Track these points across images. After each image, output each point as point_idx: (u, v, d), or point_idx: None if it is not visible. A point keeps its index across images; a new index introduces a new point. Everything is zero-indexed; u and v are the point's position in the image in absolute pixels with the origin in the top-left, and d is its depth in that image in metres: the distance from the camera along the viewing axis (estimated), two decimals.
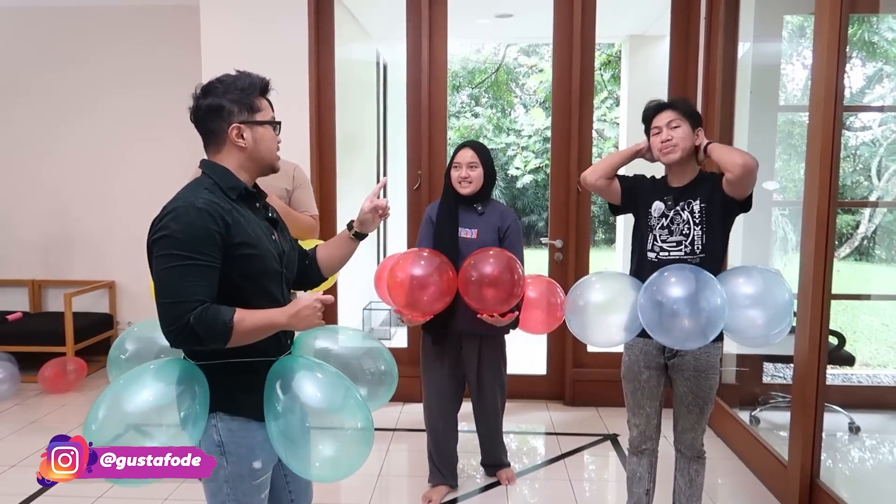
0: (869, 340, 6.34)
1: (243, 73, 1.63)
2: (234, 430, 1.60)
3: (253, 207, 1.66)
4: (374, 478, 3.22)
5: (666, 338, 2.09)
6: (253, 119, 1.60)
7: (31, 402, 4.30)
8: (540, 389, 4.27)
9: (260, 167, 1.66)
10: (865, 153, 8.83)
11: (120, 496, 2.98)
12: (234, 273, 1.53)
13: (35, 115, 5.12)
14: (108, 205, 5.12)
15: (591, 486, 3.22)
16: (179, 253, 1.46)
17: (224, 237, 1.51)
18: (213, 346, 1.48)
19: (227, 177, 1.59)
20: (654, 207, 2.32)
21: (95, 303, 5.13)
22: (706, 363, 2.27)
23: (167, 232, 1.47)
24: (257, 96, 1.62)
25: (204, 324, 1.44)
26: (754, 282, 2.09)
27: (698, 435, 2.36)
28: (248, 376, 1.59)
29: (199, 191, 1.54)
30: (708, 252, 2.23)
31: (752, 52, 3.96)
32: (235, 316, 1.48)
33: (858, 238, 9.00)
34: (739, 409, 3.73)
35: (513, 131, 12.67)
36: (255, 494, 1.64)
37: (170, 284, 1.46)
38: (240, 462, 1.61)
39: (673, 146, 2.24)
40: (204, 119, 1.60)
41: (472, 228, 2.80)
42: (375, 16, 5.40)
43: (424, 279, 2.61)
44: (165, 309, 1.46)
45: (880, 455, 3.92)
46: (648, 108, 2.34)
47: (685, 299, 2.01)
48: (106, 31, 5.03)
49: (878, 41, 7.25)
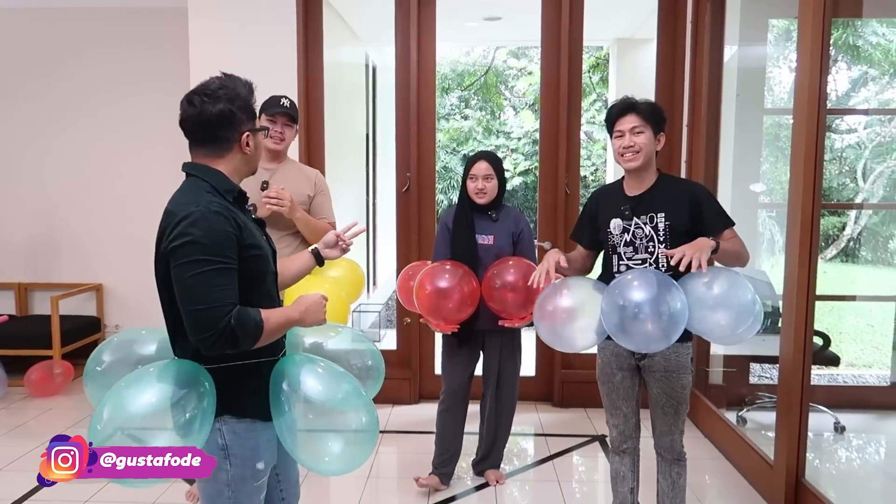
0: (854, 341, 6.40)
1: (233, 77, 1.63)
2: (240, 432, 1.61)
3: (244, 210, 1.68)
4: (364, 479, 3.22)
5: (629, 342, 2.07)
6: (256, 127, 1.65)
7: (18, 405, 4.27)
8: (529, 391, 4.28)
9: (250, 171, 1.69)
10: (851, 156, 8.92)
11: (109, 499, 2.96)
12: (245, 275, 1.55)
13: (21, 118, 5.08)
14: (95, 207, 5.09)
15: (579, 487, 3.23)
16: (207, 258, 1.46)
17: (239, 239, 1.53)
18: (244, 347, 1.51)
19: (223, 180, 1.61)
20: (613, 226, 2.30)
21: (82, 306, 5.10)
22: (676, 363, 2.26)
23: (190, 238, 1.46)
24: (253, 104, 1.65)
25: (241, 325, 1.46)
26: (718, 283, 2.08)
27: (676, 437, 2.35)
28: (254, 378, 1.61)
29: (202, 195, 1.54)
30: (674, 269, 2.15)
31: (738, 55, 4.00)
32: (262, 315, 1.51)
33: (844, 240, 9.08)
34: (726, 410, 3.76)
35: (502, 133, 12.69)
36: (255, 496, 1.65)
37: (201, 290, 1.45)
38: (244, 464, 1.61)
39: (635, 153, 2.22)
40: (213, 125, 1.58)
41: (489, 235, 2.97)
42: (364, 18, 5.40)
43: (449, 291, 2.79)
44: (199, 315, 1.45)
45: (865, 454, 3.96)
46: (612, 109, 2.30)
47: (645, 303, 2.00)
48: (92, 35, 5.00)
49: (862, 45, 7.33)
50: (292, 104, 2.86)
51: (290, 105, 2.85)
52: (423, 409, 4.13)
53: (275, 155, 2.86)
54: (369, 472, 3.30)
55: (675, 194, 2.24)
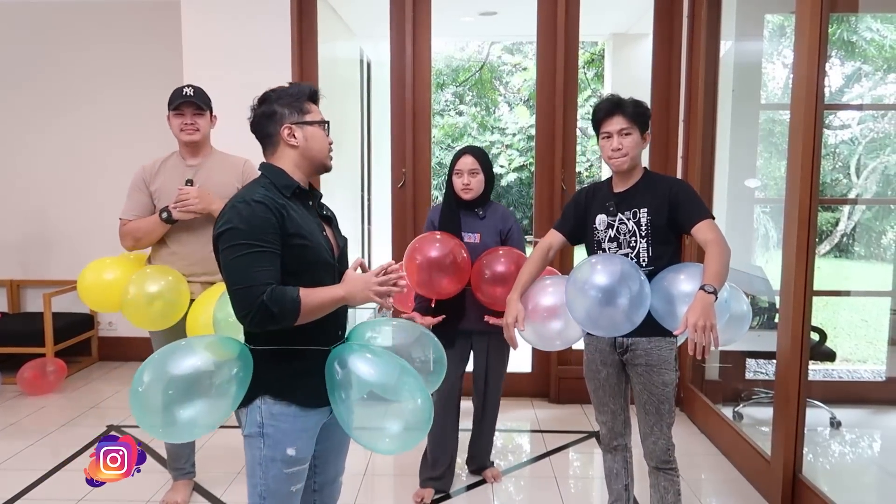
0: (849, 336, 6.42)
1: (294, 83, 1.80)
2: (276, 413, 1.68)
3: (306, 205, 1.78)
4: (360, 477, 3.21)
5: (594, 327, 2.15)
6: (303, 120, 1.74)
7: (10, 403, 4.23)
8: (525, 387, 4.28)
9: (313, 165, 1.78)
10: (845, 151, 8.94)
11: (103, 497, 2.94)
12: (289, 262, 1.64)
13: (12, 113, 5.03)
14: (87, 203, 5.04)
15: (576, 483, 3.23)
16: (244, 242, 1.59)
17: (281, 227, 1.63)
18: (286, 323, 1.59)
19: (282, 176, 1.72)
20: (599, 221, 2.30)
21: (75, 303, 5.04)
22: (658, 357, 2.22)
23: (231, 225, 1.61)
24: (306, 101, 1.76)
25: (275, 302, 1.56)
26: (688, 275, 2.13)
27: (660, 441, 2.26)
28: (298, 362, 1.69)
29: (255, 188, 1.68)
30: (656, 264, 2.21)
31: (733, 50, 3.99)
32: (301, 293, 1.60)
33: (838, 235, 9.12)
34: (722, 406, 3.76)
35: (497, 129, 12.69)
36: (285, 483, 1.71)
37: (239, 272, 1.59)
38: (275, 446, 1.68)
39: (623, 156, 2.22)
40: (259, 125, 1.75)
41: (475, 233, 2.88)
42: (359, 13, 5.37)
43: (441, 259, 2.72)
44: (239, 295, 1.59)
45: (860, 449, 3.97)
46: (599, 109, 2.28)
47: (605, 286, 2.07)
48: (84, 28, 4.96)
49: (856, 40, 7.34)
50: (198, 91, 2.74)
51: (196, 92, 2.73)
52: None
53: (194, 148, 2.75)
54: (365, 470, 3.29)
55: (656, 190, 2.25)
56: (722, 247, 2.09)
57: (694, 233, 2.17)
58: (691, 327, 1.94)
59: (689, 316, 1.95)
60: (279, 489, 1.71)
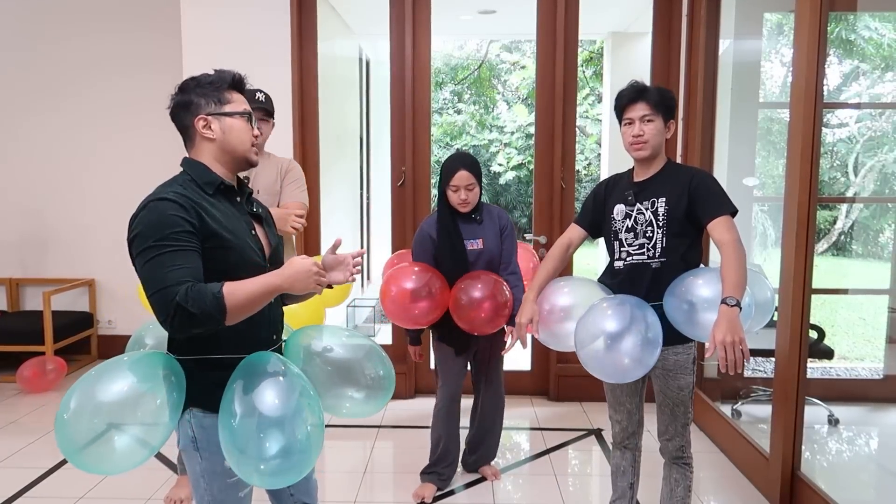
0: (847, 334, 6.44)
1: (219, 69, 1.65)
2: (207, 426, 1.59)
3: (233, 202, 1.66)
4: (360, 474, 3.22)
5: (603, 375, 2.14)
6: (221, 111, 1.61)
7: (10, 402, 4.24)
8: (524, 385, 4.29)
9: (234, 159, 1.64)
10: (842, 150, 8.95)
11: (105, 495, 2.95)
12: (210, 265, 1.52)
13: (6, 107, 5.01)
14: (86, 201, 5.03)
15: (575, 481, 3.24)
16: (153, 244, 1.46)
17: (198, 227, 1.50)
18: (212, 323, 1.45)
19: (204, 172, 1.60)
20: (617, 211, 2.27)
21: (75, 301, 5.06)
22: (674, 363, 2.23)
23: (139, 229, 1.48)
24: (227, 89, 1.63)
25: (192, 301, 1.41)
26: (706, 280, 2.07)
27: (673, 438, 2.29)
28: (224, 372, 1.56)
29: (171, 186, 1.55)
30: (669, 256, 2.16)
31: (732, 49, 3.99)
32: (225, 288, 1.45)
33: (836, 234, 9.13)
34: (721, 403, 3.77)
35: (495, 128, 12.67)
36: (230, 492, 1.64)
37: (152, 276, 1.45)
38: (212, 458, 1.60)
39: (644, 143, 2.17)
40: (175, 115, 1.63)
41: (477, 239, 2.87)
42: (358, 12, 5.38)
43: (417, 291, 2.77)
44: (154, 300, 1.44)
45: (858, 447, 3.98)
46: (622, 95, 2.22)
47: (614, 334, 2.01)
48: (80, 16, 4.91)
49: (855, 39, 7.35)
50: (268, 98, 2.73)
51: (266, 99, 2.71)
52: (420, 404, 4.12)
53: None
54: (366, 467, 3.30)
55: (677, 180, 2.19)
56: (737, 251, 2.02)
57: (710, 229, 2.11)
58: (720, 345, 1.87)
59: (716, 333, 1.88)
60: (226, 498, 1.64)
